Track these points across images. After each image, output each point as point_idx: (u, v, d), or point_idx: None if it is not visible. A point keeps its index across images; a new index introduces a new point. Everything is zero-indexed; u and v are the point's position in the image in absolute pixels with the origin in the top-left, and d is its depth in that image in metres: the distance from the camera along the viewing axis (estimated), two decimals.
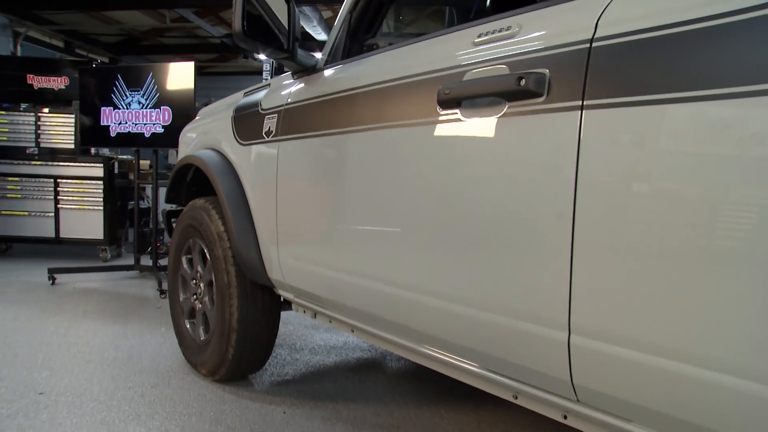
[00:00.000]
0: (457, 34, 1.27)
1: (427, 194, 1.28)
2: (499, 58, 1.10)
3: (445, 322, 1.25)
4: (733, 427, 0.79)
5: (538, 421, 2.12)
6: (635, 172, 0.88)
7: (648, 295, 0.86)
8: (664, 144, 0.85)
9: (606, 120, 0.91)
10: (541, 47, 1.03)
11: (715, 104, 0.78)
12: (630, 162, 0.88)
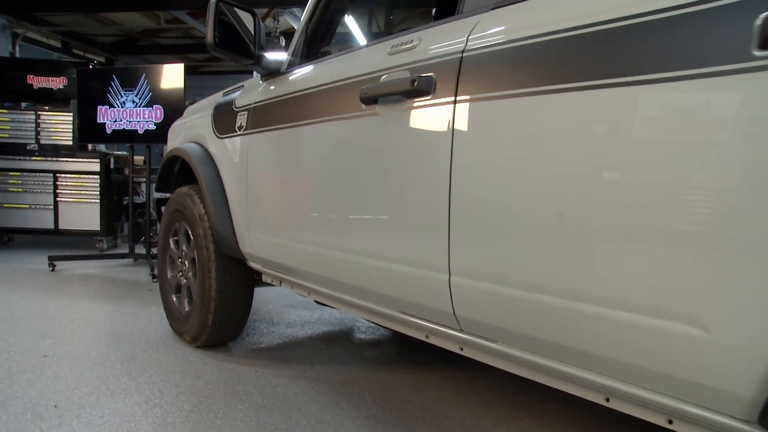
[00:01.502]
0: (378, 46, 1.58)
1: (355, 173, 1.59)
2: (403, 65, 1.41)
3: (371, 276, 1.56)
4: (575, 339, 1.09)
5: (480, 386, 2.43)
6: (490, 146, 1.19)
7: (505, 242, 1.17)
8: (508, 127, 1.16)
9: (470, 111, 1.22)
10: (431, 56, 1.34)
11: (535, 99, 1.09)
12: (487, 139, 1.19)
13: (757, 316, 0.82)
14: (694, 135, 0.89)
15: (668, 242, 0.91)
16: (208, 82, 11.76)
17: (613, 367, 1.05)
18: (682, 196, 0.90)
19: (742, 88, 0.82)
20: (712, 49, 0.86)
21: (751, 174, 0.82)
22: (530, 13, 1.16)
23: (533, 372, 1.23)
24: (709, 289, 0.87)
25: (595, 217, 1.01)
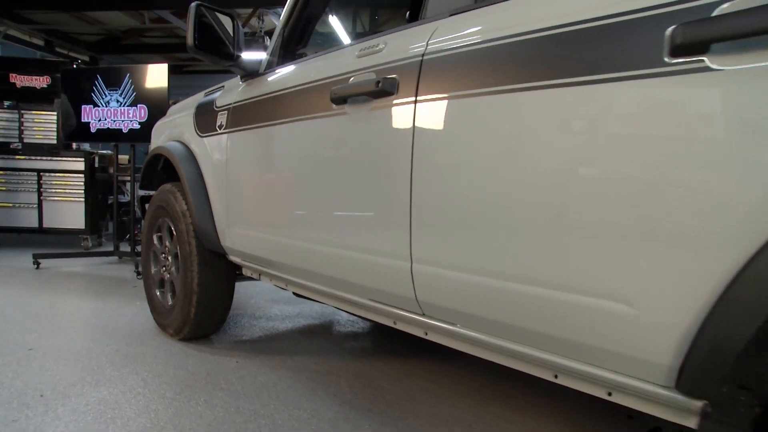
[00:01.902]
0: (348, 49, 1.68)
1: (327, 169, 1.69)
2: (370, 67, 1.51)
3: (342, 265, 1.66)
4: (523, 319, 1.19)
5: (454, 375, 2.54)
6: (446, 142, 1.29)
7: (460, 231, 1.27)
8: (461, 124, 1.26)
9: (429, 111, 1.32)
10: (394, 59, 1.44)
11: (485, 99, 1.19)
12: (443, 136, 1.30)
13: (671, 293, 0.93)
14: (621, 130, 1.00)
15: (598, 231, 1.02)
16: (192, 82, 11.77)
17: (558, 345, 1.15)
18: (609, 189, 1.00)
19: (657, 89, 0.93)
20: (636, 55, 0.96)
21: (665, 164, 0.93)
22: (482, 20, 1.27)
23: (490, 352, 1.34)
24: (633, 271, 0.98)
25: (536, 209, 1.11)
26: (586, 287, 1.04)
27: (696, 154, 0.89)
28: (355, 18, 8.09)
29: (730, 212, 0.85)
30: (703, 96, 0.89)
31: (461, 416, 2.02)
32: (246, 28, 10.12)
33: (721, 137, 0.87)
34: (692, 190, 0.90)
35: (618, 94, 0.99)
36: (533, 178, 1.12)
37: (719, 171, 0.87)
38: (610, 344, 1.05)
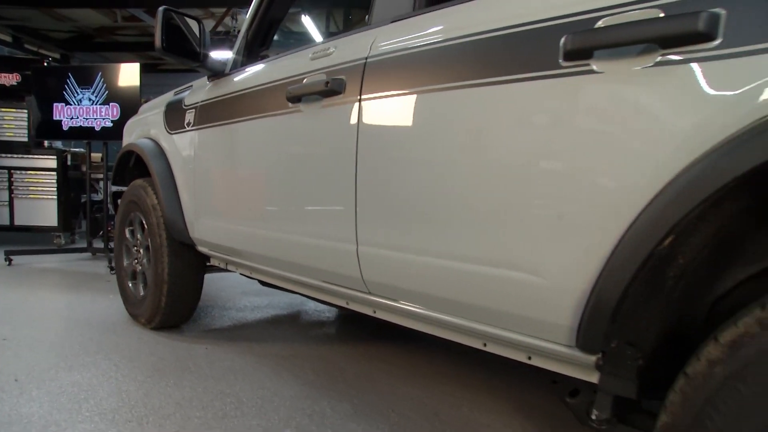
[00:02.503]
0: (303, 52, 1.84)
1: (284, 163, 1.85)
2: (321, 69, 1.67)
3: (299, 250, 1.82)
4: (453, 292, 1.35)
5: (413, 358, 2.71)
6: (385, 136, 1.46)
7: (397, 215, 1.43)
8: (397, 120, 1.43)
9: (371, 109, 1.48)
10: (342, 62, 1.60)
11: (416, 97, 1.36)
12: (382, 131, 1.47)
13: (568, 263, 1.10)
14: (527, 123, 1.17)
15: (510, 214, 1.19)
16: (165, 80, 11.79)
17: (483, 314, 1.32)
18: (520, 177, 1.17)
19: (554, 87, 1.10)
20: (539, 59, 1.14)
21: (561, 153, 1.10)
22: (416, 27, 1.44)
23: (428, 325, 1.50)
24: (538, 246, 1.15)
25: (460, 196, 1.28)
26: (503, 261, 1.21)
27: (582, 144, 1.07)
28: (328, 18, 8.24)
29: (608, 197, 1.03)
30: (589, 93, 1.06)
31: (416, 394, 2.19)
32: (220, 27, 10.20)
33: (602, 130, 1.04)
34: (581, 177, 1.07)
35: (526, 91, 1.16)
36: (457, 168, 1.29)
37: (600, 159, 1.04)
38: (524, 310, 1.22)
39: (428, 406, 2.08)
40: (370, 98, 1.48)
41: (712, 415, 0.88)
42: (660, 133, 0.95)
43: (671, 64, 0.95)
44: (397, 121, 1.43)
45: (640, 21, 0.98)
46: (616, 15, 1.02)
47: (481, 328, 1.34)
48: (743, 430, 0.84)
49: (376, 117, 1.47)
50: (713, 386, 0.88)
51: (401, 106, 1.41)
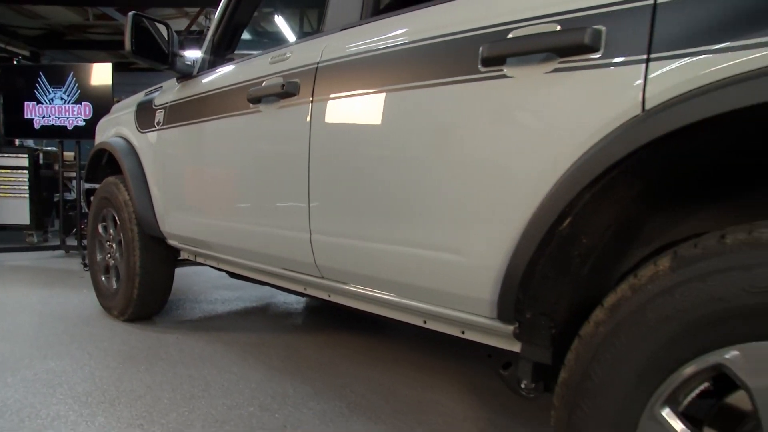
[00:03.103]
0: (263, 57, 1.99)
1: (246, 160, 2.00)
2: (279, 72, 1.82)
3: (260, 240, 1.97)
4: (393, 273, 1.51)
5: (373, 344, 2.87)
6: (332, 134, 1.62)
7: (343, 204, 1.59)
8: (344, 119, 1.58)
9: (322, 110, 1.64)
10: (297, 66, 1.76)
11: (359, 98, 1.52)
12: (331, 130, 1.62)
13: (485, 244, 1.27)
14: (452, 121, 1.33)
15: (438, 202, 1.36)
16: (138, 79, 11.79)
17: (420, 293, 1.48)
18: (445, 170, 1.34)
19: (474, 90, 1.27)
20: (462, 65, 1.30)
21: (479, 147, 1.27)
22: (362, 36, 1.60)
23: (375, 306, 1.67)
24: (461, 230, 1.32)
25: (397, 186, 1.45)
26: (432, 244, 1.38)
27: (495, 140, 1.24)
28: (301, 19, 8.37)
29: (516, 187, 1.20)
30: (502, 95, 1.23)
31: (374, 376, 2.35)
32: (194, 26, 10.27)
33: (511, 127, 1.21)
34: (495, 169, 1.24)
35: (450, 94, 1.32)
36: (393, 162, 1.45)
37: (511, 154, 1.21)
38: (453, 287, 1.38)
39: (384, 386, 2.24)
40: (321, 99, 1.64)
41: (596, 367, 1.05)
42: (557, 130, 1.13)
43: (566, 70, 1.12)
44: (344, 120, 1.59)
45: (542, 33, 1.15)
46: (524, 28, 1.19)
47: (420, 305, 1.50)
48: (617, 376, 1.01)
49: (326, 117, 1.63)
50: (597, 343, 1.05)
51: (348, 107, 1.57)
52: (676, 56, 0.97)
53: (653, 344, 0.97)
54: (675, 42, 0.98)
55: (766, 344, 0.87)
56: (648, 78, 1.00)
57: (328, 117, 1.63)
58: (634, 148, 0.99)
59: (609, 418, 1.04)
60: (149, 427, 1.84)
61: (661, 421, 0.98)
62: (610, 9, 1.07)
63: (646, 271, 1.01)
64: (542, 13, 1.17)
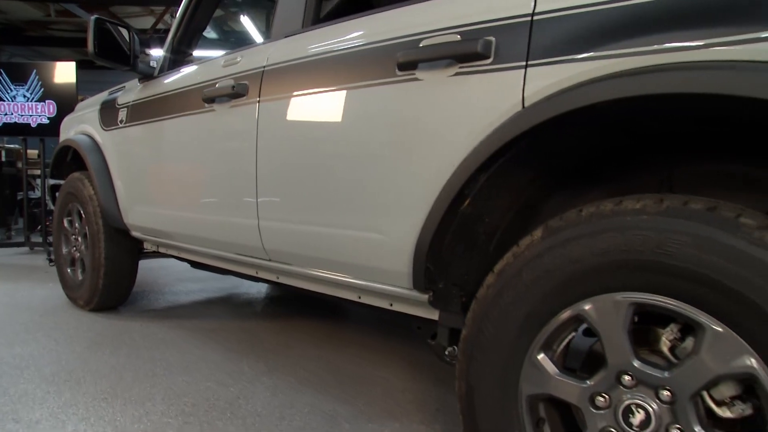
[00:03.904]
0: (217, 60, 2.19)
1: (202, 155, 2.20)
2: (230, 75, 2.03)
3: (216, 228, 2.17)
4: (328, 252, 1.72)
5: (328, 329, 3.08)
6: (274, 131, 1.82)
7: (286, 193, 1.80)
8: (284, 117, 1.79)
9: (267, 109, 1.85)
10: (246, 69, 1.96)
11: (298, 99, 1.73)
12: (273, 127, 1.83)
13: (401, 224, 1.48)
14: (371, 119, 1.54)
15: (361, 189, 1.57)
16: (103, 77, 11.78)
17: (351, 268, 1.70)
18: (367, 162, 1.56)
19: (392, 91, 1.49)
20: (382, 69, 1.52)
21: (391, 141, 1.49)
22: (301, 43, 1.81)
23: (316, 284, 1.88)
24: (381, 211, 1.53)
25: (328, 177, 1.66)
26: (361, 225, 1.59)
27: (407, 135, 1.45)
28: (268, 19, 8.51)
29: (425, 173, 1.42)
30: (414, 96, 1.45)
31: (324, 356, 2.56)
32: (160, 24, 10.34)
33: (421, 124, 1.43)
34: (408, 159, 1.46)
35: (373, 94, 1.54)
36: (327, 155, 1.67)
37: (420, 146, 1.43)
38: (377, 262, 1.59)
39: (333, 363, 2.45)
40: (266, 100, 1.85)
41: (487, 323, 1.27)
42: (457, 125, 1.35)
43: (465, 74, 1.34)
44: (286, 118, 1.79)
45: (446, 43, 1.37)
46: (432, 38, 1.41)
47: (353, 281, 1.71)
48: (503, 329, 1.24)
49: (270, 115, 1.84)
50: (487, 303, 1.28)
51: (289, 107, 1.78)
52: (548, 63, 1.20)
53: (529, 301, 1.20)
54: (546, 52, 1.21)
55: (609, 296, 1.10)
56: (526, 80, 1.23)
57: (273, 116, 1.83)
58: (512, 137, 1.21)
59: (498, 365, 1.26)
60: (113, 400, 2.02)
61: (538, 364, 1.20)
62: (498, 23, 1.30)
63: (524, 240, 1.24)
64: (446, 25, 1.39)
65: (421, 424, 1.89)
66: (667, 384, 1.05)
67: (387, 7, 1.61)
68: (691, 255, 1.00)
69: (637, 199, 1.10)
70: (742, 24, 0.96)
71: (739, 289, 0.95)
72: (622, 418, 1.12)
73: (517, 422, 1.25)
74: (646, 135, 1.34)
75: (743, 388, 1.03)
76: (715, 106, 1.05)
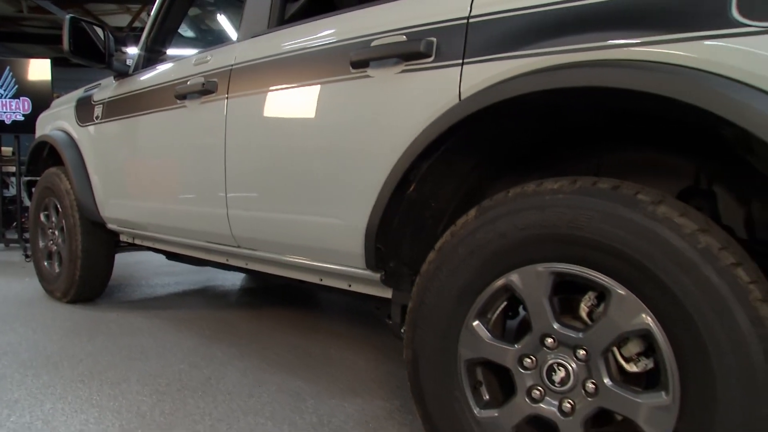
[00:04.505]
0: (188, 59, 2.33)
1: (175, 149, 2.34)
2: (201, 73, 2.17)
3: (188, 218, 2.31)
4: (291, 237, 1.87)
5: (297, 318, 3.23)
6: (242, 125, 1.97)
7: (252, 183, 1.95)
8: (251, 113, 1.94)
9: (235, 105, 1.99)
10: (215, 67, 2.11)
11: (262, 95, 1.88)
12: (240, 122, 1.97)
13: (354, 210, 1.63)
14: (327, 114, 1.70)
15: (321, 180, 1.72)
16: (79, 75, 11.74)
17: (312, 252, 1.85)
18: (324, 155, 1.71)
19: (346, 87, 1.64)
20: (334, 68, 1.67)
21: (345, 133, 1.64)
22: (265, 43, 1.96)
23: (282, 268, 2.03)
24: (337, 199, 1.68)
25: (288, 168, 1.81)
26: (320, 211, 1.74)
27: (359, 127, 1.61)
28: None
29: (373, 162, 1.57)
30: (366, 91, 1.60)
31: (292, 341, 2.70)
32: (137, 23, 10.40)
33: (371, 117, 1.59)
34: (359, 150, 1.61)
35: (330, 91, 1.69)
36: (291, 148, 1.82)
37: (370, 137, 1.58)
38: (335, 245, 1.74)
39: (301, 348, 2.60)
40: (234, 96, 1.99)
41: (428, 295, 1.43)
42: (403, 118, 1.50)
43: (410, 71, 1.50)
44: (252, 113, 1.94)
45: (393, 43, 1.53)
46: (382, 38, 1.56)
47: (315, 263, 1.86)
48: (442, 300, 1.39)
49: (238, 111, 1.98)
50: (428, 277, 1.43)
51: (255, 102, 1.92)
52: (481, 61, 1.36)
53: (464, 273, 1.36)
54: (480, 51, 1.37)
55: (532, 267, 1.27)
56: (462, 77, 1.39)
57: (240, 111, 1.98)
58: (448, 127, 1.37)
59: (439, 332, 1.41)
60: (90, 382, 2.15)
61: (474, 331, 1.36)
62: (438, 26, 1.45)
63: (461, 220, 1.39)
64: (394, 27, 1.55)
65: (381, 400, 2.04)
66: (583, 344, 1.22)
67: (345, 9, 1.77)
68: (598, 228, 1.16)
69: (555, 181, 1.26)
70: (639, 30, 1.13)
71: (636, 256, 1.11)
72: (546, 377, 1.28)
73: (458, 385, 1.40)
74: (576, 127, 1.50)
75: (646, 346, 1.19)
76: (621, 100, 1.21)
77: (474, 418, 1.38)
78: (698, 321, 1.05)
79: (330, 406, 1.97)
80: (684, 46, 1.07)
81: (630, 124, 1.42)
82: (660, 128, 1.38)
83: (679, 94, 1.05)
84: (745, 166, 1.23)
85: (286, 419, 1.86)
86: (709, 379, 1.05)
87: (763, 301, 1.02)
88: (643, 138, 1.48)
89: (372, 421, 1.87)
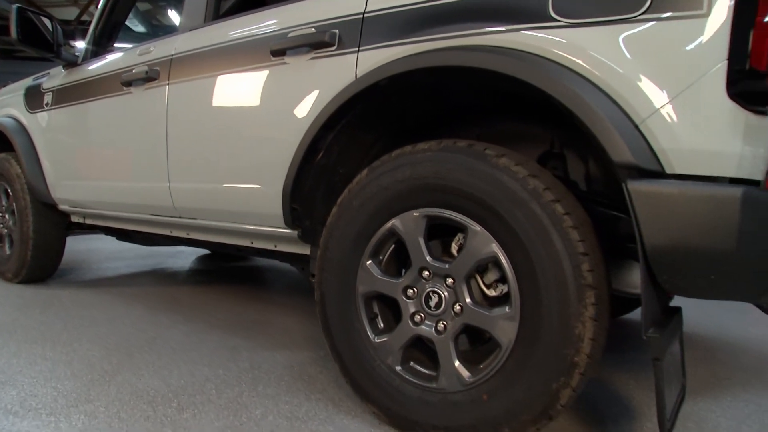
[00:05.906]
0: (134, 49, 2.65)
1: (121, 132, 2.66)
2: (145, 62, 2.49)
3: (134, 193, 2.62)
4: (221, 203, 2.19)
5: (242, 292, 3.56)
6: (180, 108, 2.30)
7: (187, 159, 2.28)
8: (188, 97, 2.27)
9: (175, 90, 2.33)
10: (157, 57, 2.43)
11: (198, 82, 2.22)
12: (179, 105, 2.31)
13: (273, 177, 1.98)
14: (254, 95, 2.04)
15: (244, 152, 2.07)
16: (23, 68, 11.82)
17: (241, 216, 2.18)
18: (247, 130, 2.05)
19: (266, 73, 1.99)
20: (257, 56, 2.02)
21: (265, 111, 1.99)
22: (201, 35, 2.30)
23: (218, 235, 2.37)
24: (258, 168, 2.03)
25: (217, 143, 2.15)
26: (247, 179, 2.09)
27: (277, 107, 1.96)
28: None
29: (289, 133, 1.91)
30: (283, 76, 1.95)
31: (236, 309, 3.03)
32: (85, 16, 10.56)
33: (288, 97, 1.94)
34: (277, 125, 1.96)
35: (252, 77, 2.04)
36: (221, 127, 2.16)
37: (285, 115, 1.93)
38: (259, 209, 2.08)
39: (242, 315, 2.94)
40: (174, 83, 2.32)
41: (331, 242, 1.77)
42: (312, 96, 1.86)
43: (318, 58, 1.85)
44: (189, 98, 2.27)
45: (305, 34, 1.89)
46: (296, 30, 1.92)
47: (245, 227, 2.20)
48: (341, 245, 1.74)
49: (178, 95, 2.31)
50: (331, 227, 1.78)
51: (192, 88, 2.25)
52: (372, 48, 1.72)
53: (359, 222, 1.71)
54: (372, 40, 1.73)
55: (409, 213, 1.62)
56: (358, 62, 1.75)
57: (180, 95, 2.31)
58: (343, 101, 1.73)
59: (340, 273, 1.76)
60: (43, 343, 2.44)
61: (367, 269, 1.71)
62: (340, 20, 1.81)
63: (356, 178, 1.75)
64: (306, 21, 1.90)
65: (308, 351, 2.39)
66: (450, 273, 1.57)
67: (269, 6, 2.12)
68: (456, 177, 1.52)
69: (426, 143, 1.62)
70: (488, 22, 1.49)
71: (484, 197, 1.47)
72: (424, 303, 1.63)
73: (357, 317, 1.74)
74: (461, 106, 1.88)
75: (501, 274, 1.55)
76: (480, 80, 1.58)
77: (371, 344, 1.72)
78: (527, 244, 1.42)
79: (262, 357, 2.30)
80: (518, 35, 1.45)
81: (502, 103, 1.80)
82: (524, 105, 1.76)
83: (512, 72, 1.42)
84: (580, 131, 1.60)
85: (221, 365, 2.19)
86: (535, 289, 1.41)
87: (574, 227, 1.39)
88: (515, 114, 1.86)
89: (297, 366, 2.22)
